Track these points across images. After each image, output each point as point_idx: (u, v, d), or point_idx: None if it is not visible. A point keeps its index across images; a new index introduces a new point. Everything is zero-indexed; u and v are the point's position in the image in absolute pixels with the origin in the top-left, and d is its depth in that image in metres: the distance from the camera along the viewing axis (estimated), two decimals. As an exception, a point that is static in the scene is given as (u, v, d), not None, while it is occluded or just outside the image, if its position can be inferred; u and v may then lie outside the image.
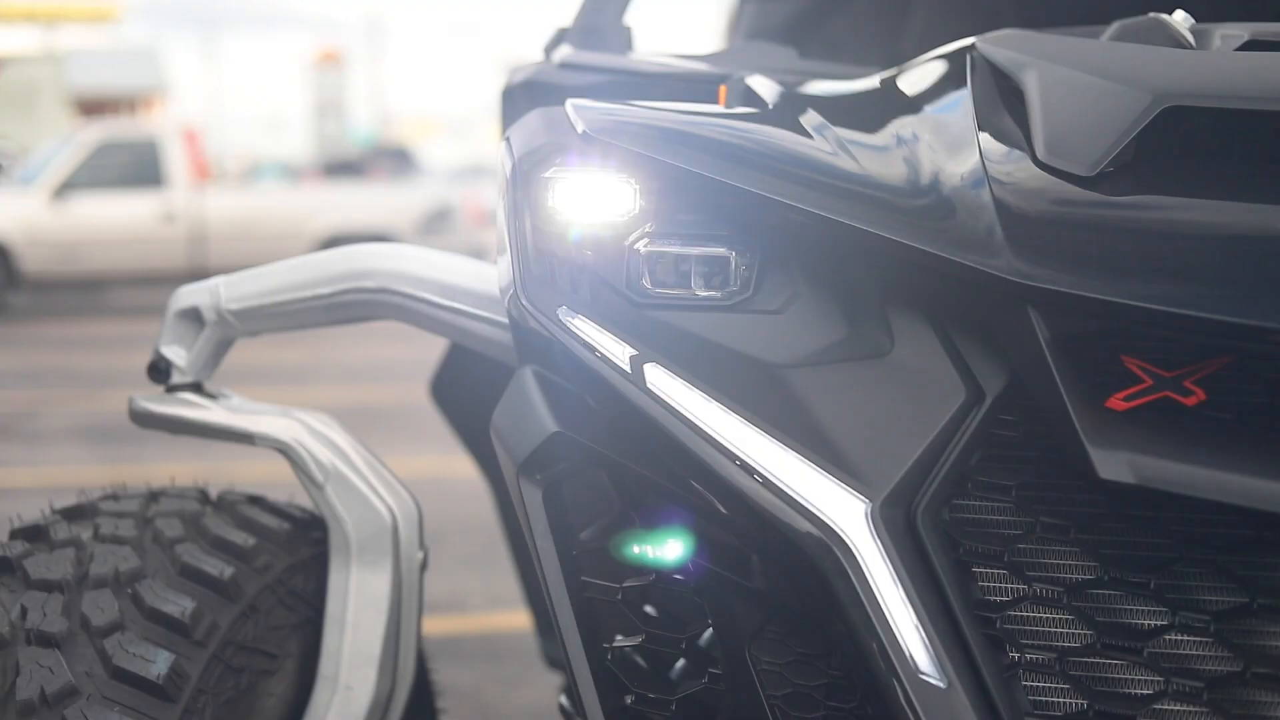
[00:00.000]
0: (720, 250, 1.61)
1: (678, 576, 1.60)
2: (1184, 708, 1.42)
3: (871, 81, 1.95)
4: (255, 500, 2.10)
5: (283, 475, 2.11)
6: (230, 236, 16.19)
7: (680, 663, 1.63)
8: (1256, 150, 1.59)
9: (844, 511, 1.44)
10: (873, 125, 1.74)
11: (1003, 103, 1.70)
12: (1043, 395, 1.42)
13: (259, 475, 3.75)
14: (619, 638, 1.63)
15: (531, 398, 1.65)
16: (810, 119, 1.73)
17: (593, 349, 1.57)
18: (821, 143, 1.66)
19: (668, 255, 1.62)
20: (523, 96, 2.24)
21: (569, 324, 1.60)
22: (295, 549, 2.03)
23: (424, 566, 2.09)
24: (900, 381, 1.49)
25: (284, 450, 2.03)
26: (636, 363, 1.55)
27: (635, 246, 1.61)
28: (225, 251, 15.83)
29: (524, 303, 1.63)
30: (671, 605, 1.61)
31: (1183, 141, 1.58)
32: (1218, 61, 1.69)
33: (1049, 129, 1.59)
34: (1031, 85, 1.66)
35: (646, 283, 1.62)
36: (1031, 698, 1.45)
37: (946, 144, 1.63)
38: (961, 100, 1.70)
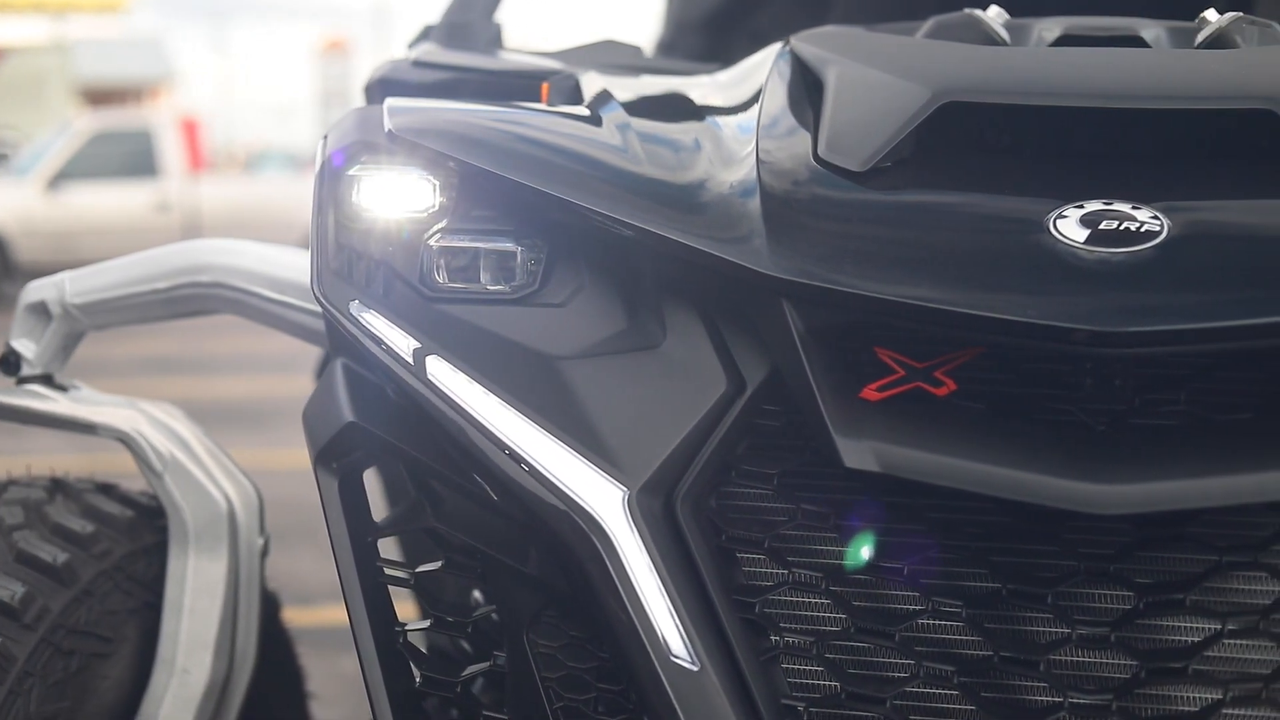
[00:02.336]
0: (508, 245, 1.64)
1: (466, 562, 1.64)
2: (935, 690, 1.45)
3: (694, 80, 1.98)
4: (105, 488, 2.13)
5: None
6: (225, 226, 16.24)
7: (466, 646, 1.67)
8: (1033, 145, 1.62)
9: (602, 499, 1.47)
10: (675, 124, 1.77)
11: (807, 100, 1.72)
12: (796, 386, 1.45)
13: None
14: (409, 622, 1.66)
15: (335, 388, 1.68)
16: (615, 117, 1.75)
17: (379, 342, 1.61)
18: (617, 141, 1.68)
19: (459, 250, 1.65)
20: (379, 93, 2.27)
21: (360, 317, 1.63)
22: (138, 536, 2.06)
23: (265, 553, 2.12)
24: (668, 373, 1.52)
25: (124, 440, 2.06)
26: (419, 355, 1.58)
27: (429, 242, 1.64)
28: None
29: (318, 296, 1.66)
30: (459, 591, 1.65)
31: (964, 137, 1.61)
32: (1002, 57, 1.72)
33: (833, 125, 1.62)
34: (829, 82, 1.69)
35: (438, 277, 1.65)
36: (791, 680, 1.48)
37: (734, 141, 1.66)
38: (755, 98, 1.73)
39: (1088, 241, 1.42)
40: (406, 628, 1.66)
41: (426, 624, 1.66)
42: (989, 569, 1.45)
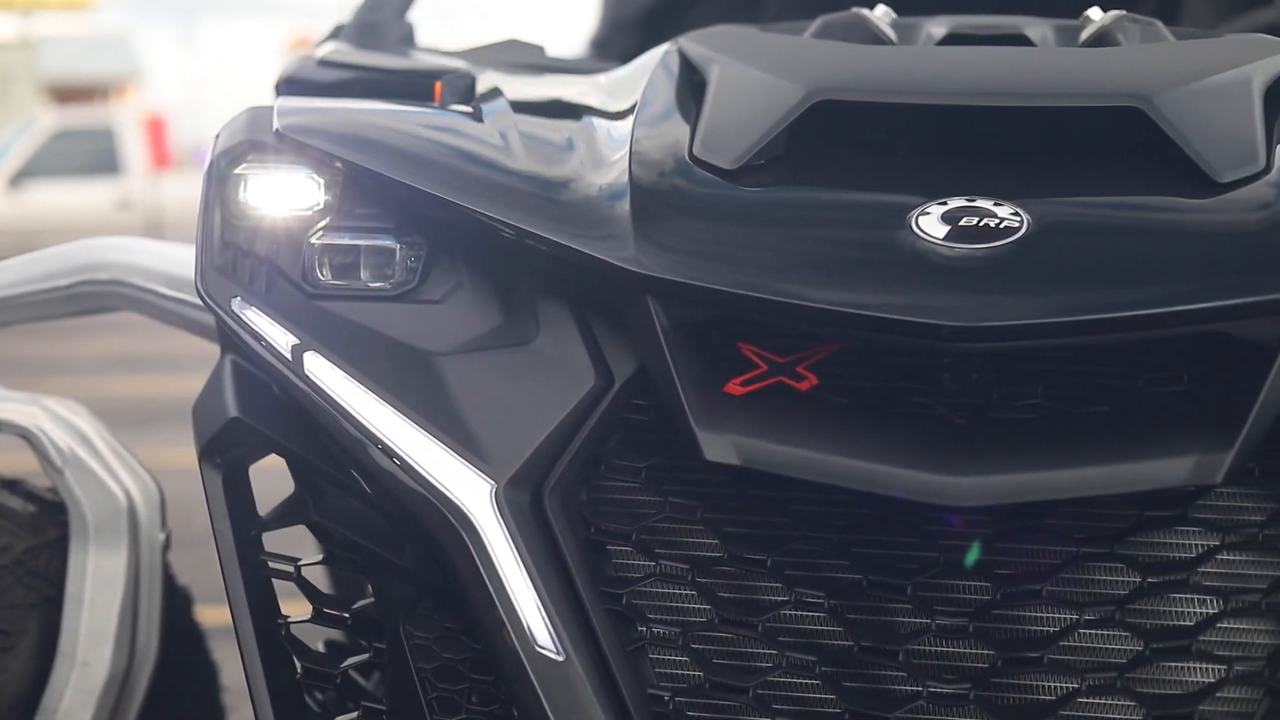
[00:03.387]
0: (388, 243, 1.66)
1: (347, 556, 1.66)
2: (797, 680, 1.48)
3: (587, 79, 1.99)
4: (7, 484, 2.15)
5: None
6: (187, 224, 16.16)
7: (347, 637, 1.69)
8: (905, 143, 1.64)
9: (470, 492, 1.50)
10: (557, 122, 1.79)
11: (690, 98, 1.74)
12: (661, 380, 1.47)
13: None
14: (292, 614, 1.68)
15: (222, 384, 1.70)
16: (499, 116, 1.77)
17: (259, 338, 1.62)
18: (498, 139, 1.70)
19: (341, 248, 1.67)
20: (286, 91, 2.29)
21: (241, 314, 1.65)
22: (40, 530, 2.07)
23: (167, 548, 2.14)
24: (539, 368, 1.54)
25: (25, 436, 2.08)
26: (297, 352, 1.60)
27: (312, 240, 1.66)
28: (183, 239, 15.81)
29: (202, 293, 1.68)
30: (341, 583, 1.67)
31: (837, 135, 1.63)
32: (877, 56, 1.74)
33: (709, 124, 1.64)
34: (710, 81, 1.71)
35: (320, 274, 1.66)
36: (658, 670, 1.50)
37: (610, 140, 1.68)
38: (636, 96, 1.75)
39: (947, 238, 1.44)
40: (290, 620, 1.68)
41: (308, 616, 1.68)
42: (851, 560, 1.47)
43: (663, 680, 1.50)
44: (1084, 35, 1.87)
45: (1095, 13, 1.93)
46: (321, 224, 1.67)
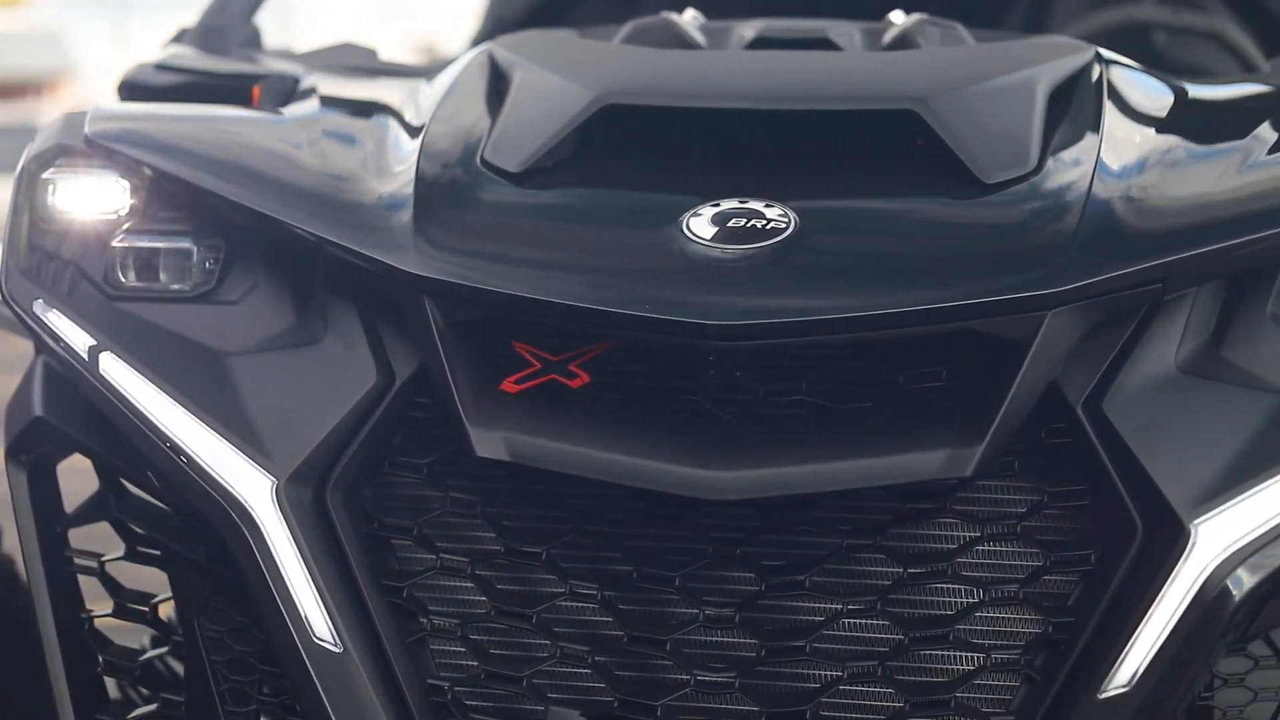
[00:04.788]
0: (186, 245, 1.69)
1: (147, 551, 1.69)
2: (571, 669, 1.52)
3: (405, 82, 2.02)
4: None
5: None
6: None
7: (149, 630, 1.73)
8: (690, 146, 1.68)
9: (253, 489, 1.53)
10: (360, 125, 1.82)
11: (497, 102, 1.78)
12: (437, 379, 1.51)
13: None
14: (95, 608, 1.71)
15: (31, 384, 1.73)
16: (304, 120, 1.81)
17: (59, 340, 1.65)
18: (299, 143, 1.74)
19: (142, 250, 1.70)
20: (125, 95, 2.31)
21: (43, 316, 1.68)
22: None
23: None
24: (325, 368, 1.58)
25: None
26: (94, 353, 1.63)
27: (114, 243, 1.69)
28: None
29: (5, 296, 1.70)
30: (143, 577, 1.70)
31: (626, 138, 1.67)
32: (669, 61, 1.79)
33: (502, 128, 1.68)
34: (512, 85, 1.75)
35: (122, 277, 1.69)
36: (439, 661, 1.54)
37: (403, 144, 1.71)
38: (435, 100, 1.79)
39: (714, 239, 1.48)
40: (93, 615, 1.71)
41: (109, 610, 1.71)
42: (623, 553, 1.52)
43: (442, 670, 1.54)
44: (886, 38, 1.91)
45: (898, 16, 1.98)
46: (125, 227, 1.70)
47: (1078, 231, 1.48)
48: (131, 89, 2.23)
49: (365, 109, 1.89)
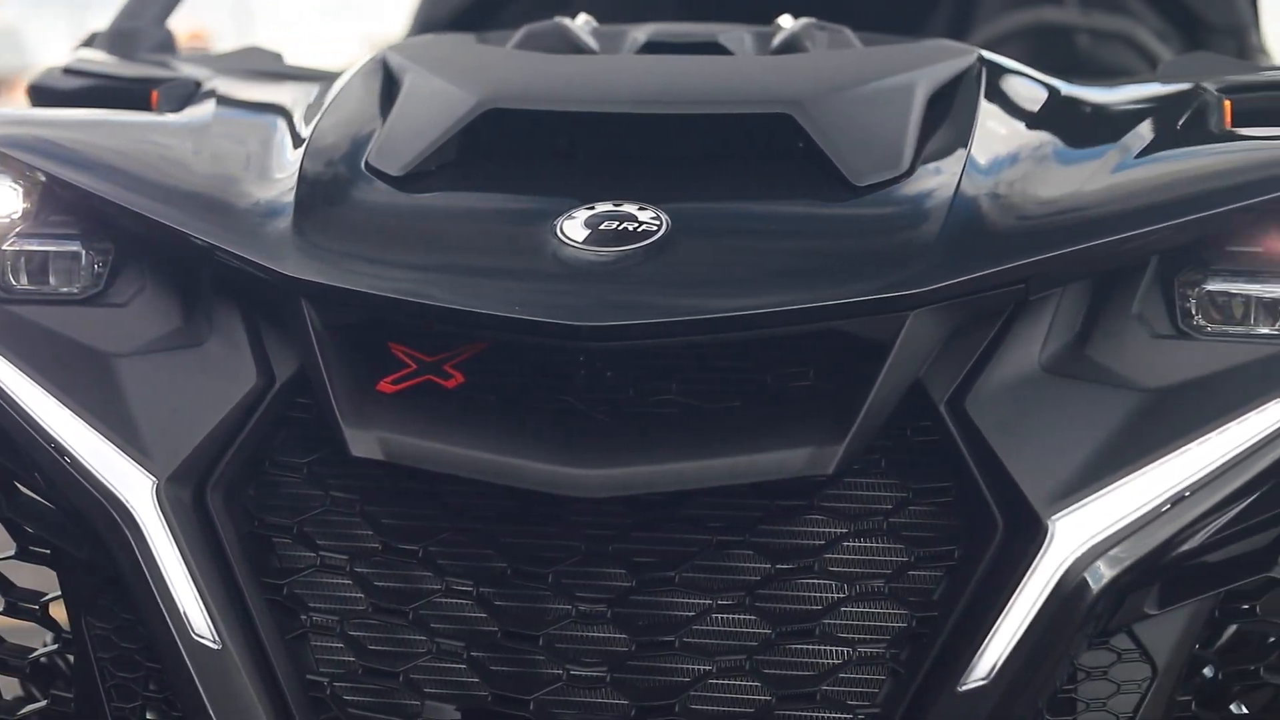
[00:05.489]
0: (75, 248, 1.71)
1: (38, 550, 1.71)
2: (447, 665, 1.55)
3: (303, 86, 2.04)
4: None
5: None
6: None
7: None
8: (571, 150, 1.71)
9: (133, 488, 1.55)
10: (253, 128, 1.84)
11: (389, 106, 1.80)
12: (314, 379, 1.53)
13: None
14: None
15: None
16: (197, 124, 1.83)
17: None
18: (189, 146, 1.76)
19: (33, 253, 1.72)
20: (34, 99, 2.32)
21: None
22: None
23: None
24: (208, 369, 1.60)
25: None
26: None
27: (5, 246, 1.71)
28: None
29: None
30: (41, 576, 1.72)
31: (509, 142, 1.70)
32: (552, 66, 1.82)
33: (388, 132, 1.71)
34: (401, 90, 1.78)
35: (14, 280, 1.71)
36: (319, 657, 1.57)
37: (289, 148, 1.74)
38: (324, 105, 1.81)
39: (586, 241, 1.51)
40: None
41: (0, 609, 1.73)
42: (497, 550, 1.54)
43: (322, 666, 1.57)
44: (775, 42, 1.94)
45: (786, 20, 2.01)
46: (16, 231, 1.72)
47: (941, 233, 1.51)
48: (38, 93, 2.25)
49: (259, 113, 1.91)
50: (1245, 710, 1.64)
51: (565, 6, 3.71)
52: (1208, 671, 1.61)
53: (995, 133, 1.69)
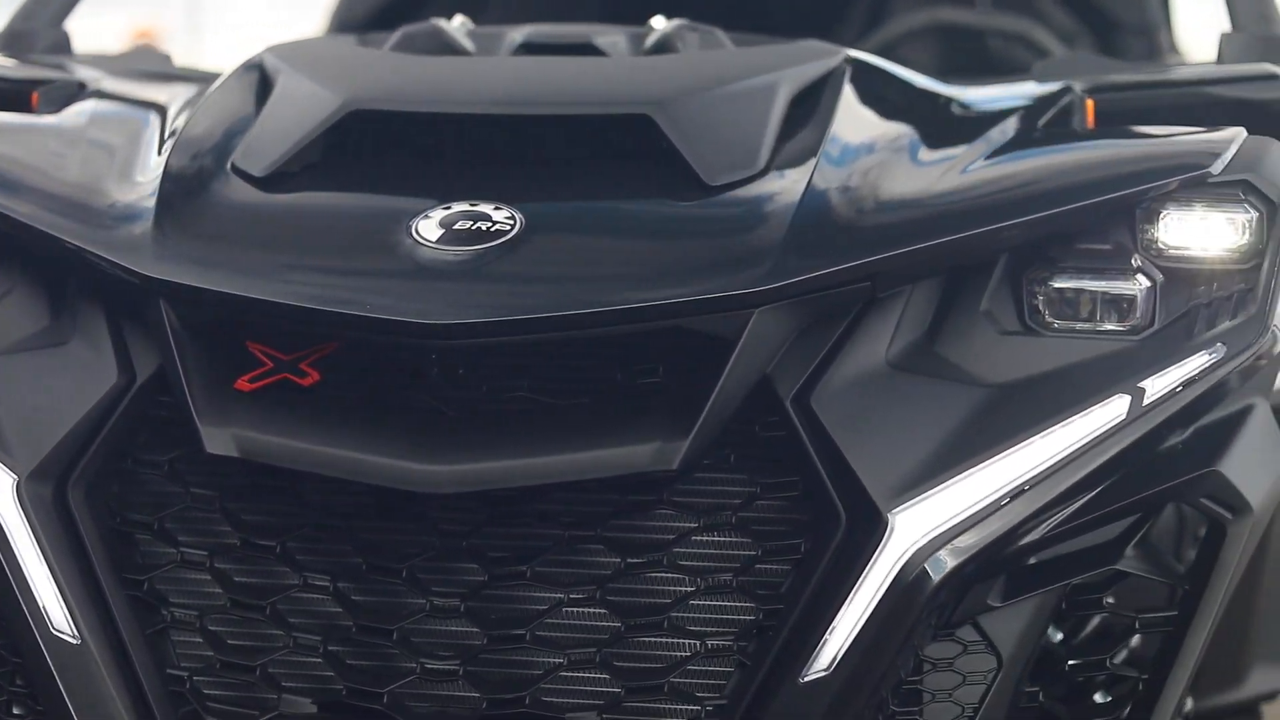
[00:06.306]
0: None
1: None
2: (304, 658, 1.58)
3: (183, 86, 2.06)
4: None
5: None
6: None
7: None
8: (433, 151, 1.74)
9: None
10: (127, 130, 1.86)
11: (260, 108, 1.82)
12: (172, 378, 1.55)
13: None
14: None
15: None
16: (75, 127, 1.85)
17: None
18: (59, 148, 1.78)
19: None
20: None
21: None
22: None
23: None
24: (70, 368, 1.62)
25: None
26: None
27: None
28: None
29: None
30: None
31: (373, 143, 1.73)
32: (417, 68, 1.84)
33: (255, 133, 1.73)
34: (274, 91, 1.80)
35: None
36: (180, 651, 1.60)
37: (155, 148, 1.76)
38: (197, 105, 1.84)
39: (440, 241, 1.54)
40: None
41: None
42: (353, 545, 1.57)
43: (182, 661, 1.59)
44: (647, 43, 1.97)
45: (658, 21, 2.04)
46: None
47: (788, 232, 1.54)
48: None
49: (134, 113, 1.93)
50: (1110, 699, 1.67)
51: (482, 9, 3.74)
52: (1061, 663, 1.64)
53: (852, 133, 1.72)
